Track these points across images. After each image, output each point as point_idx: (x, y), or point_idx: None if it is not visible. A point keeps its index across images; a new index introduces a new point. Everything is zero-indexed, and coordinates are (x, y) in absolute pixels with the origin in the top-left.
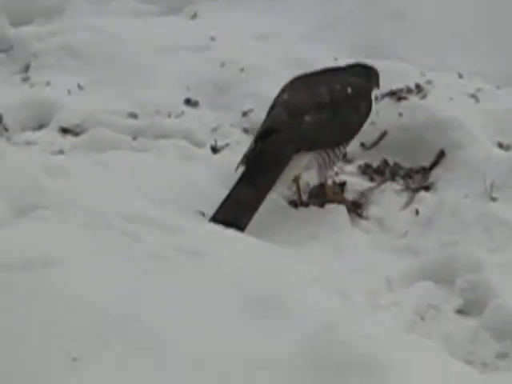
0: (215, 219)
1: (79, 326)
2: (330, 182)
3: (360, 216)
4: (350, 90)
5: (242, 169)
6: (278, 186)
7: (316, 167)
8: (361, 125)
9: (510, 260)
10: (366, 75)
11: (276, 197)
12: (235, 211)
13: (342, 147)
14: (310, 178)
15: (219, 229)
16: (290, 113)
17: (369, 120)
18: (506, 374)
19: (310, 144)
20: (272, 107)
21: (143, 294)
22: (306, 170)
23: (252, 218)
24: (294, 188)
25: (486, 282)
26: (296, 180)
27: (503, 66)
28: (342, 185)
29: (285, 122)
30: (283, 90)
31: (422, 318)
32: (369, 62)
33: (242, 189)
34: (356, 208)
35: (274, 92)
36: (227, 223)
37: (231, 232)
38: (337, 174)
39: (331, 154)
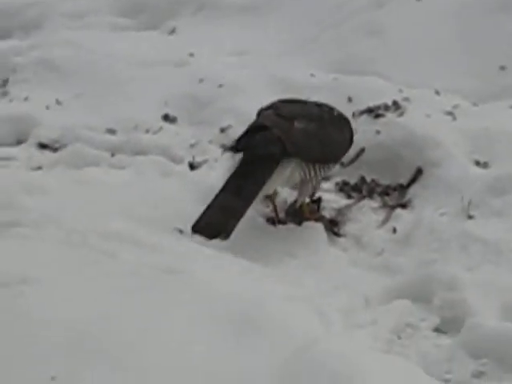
0: (198, 225)
1: (57, 344)
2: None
3: (337, 234)
4: (336, 113)
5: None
6: (262, 194)
7: (298, 181)
8: (344, 149)
9: (487, 278)
10: None
11: (254, 214)
12: (220, 217)
13: (325, 167)
14: (288, 196)
15: (197, 246)
16: (281, 115)
17: None
18: None
19: (296, 148)
20: (260, 112)
21: (121, 311)
22: (288, 183)
23: (236, 226)
24: (271, 206)
25: (463, 301)
26: (273, 198)
27: (480, 83)
28: (318, 201)
29: (275, 122)
30: (271, 103)
31: (399, 337)
32: (347, 78)
33: (227, 196)
34: (333, 226)
35: (252, 108)
36: (211, 229)
37: (209, 250)
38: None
39: (313, 172)
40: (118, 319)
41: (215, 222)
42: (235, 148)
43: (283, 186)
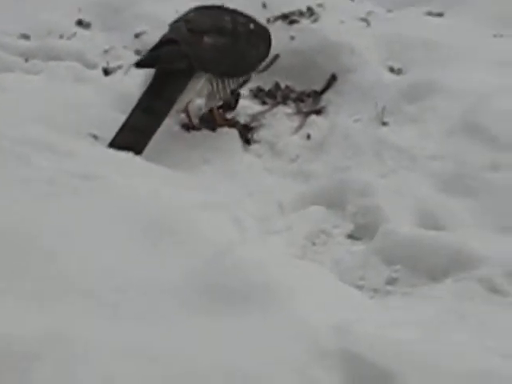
0: (113, 145)
1: None
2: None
3: (250, 140)
4: (252, 26)
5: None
6: (174, 110)
7: (206, 93)
8: (258, 63)
9: (401, 185)
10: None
11: (169, 121)
12: (133, 136)
13: (235, 79)
14: (203, 103)
15: (112, 152)
16: (191, 29)
17: None
18: (395, 299)
19: (203, 64)
20: (174, 22)
21: (36, 218)
22: (199, 95)
23: (148, 143)
24: (185, 113)
25: (377, 207)
26: (186, 104)
27: None
28: (237, 96)
29: (184, 36)
30: (187, 12)
31: (313, 243)
32: None
33: (139, 114)
34: (247, 132)
35: (167, 13)
36: (125, 148)
37: (124, 155)
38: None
39: (222, 85)
40: (34, 225)
41: (127, 143)
42: (141, 63)
43: (194, 99)
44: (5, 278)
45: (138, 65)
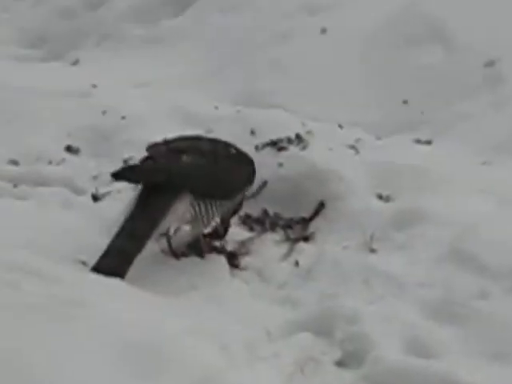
0: (96, 269)
1: None
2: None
3: (237, 266)
4: (233, 151)
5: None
6: (157, 233)
7: (189, 218)
8: (241, 187)
9: (389, 312)
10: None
11: (156, 246)
12: (115, 261)
13: (218, 203)
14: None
15: (100, 278)
16: (170, 149)
17: None
18: None
19: (183, 179)
20: (149, 146)
21: (25, 346)
22: (183, 220)
23: (130, 267)
24: (167, 239)
25: (365, 334)
26: (167, 233)
27: (383, 116)
28: (224, 231)
29: (162, 154)
30: (164, 139)
31: (302, 370)
32: (250, 111)
33: (121, 238)
34: (234, 259)
35: (154, 139)
36: (108, 272)
37: (112, 281)
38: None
39: (204, 208)
40: (23, 354)
41: (110, 267)
42: (117, 174)
43: (177, 224)
44: None
45: (114, 176)
